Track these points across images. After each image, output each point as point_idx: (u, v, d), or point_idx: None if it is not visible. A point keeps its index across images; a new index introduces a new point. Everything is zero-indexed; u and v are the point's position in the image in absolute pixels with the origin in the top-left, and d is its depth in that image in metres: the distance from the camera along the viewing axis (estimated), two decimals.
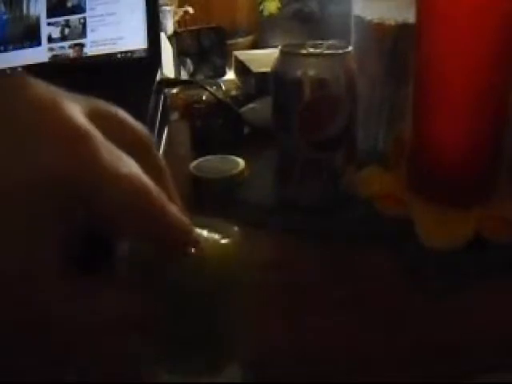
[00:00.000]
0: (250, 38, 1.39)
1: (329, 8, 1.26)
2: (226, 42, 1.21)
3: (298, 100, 0.59)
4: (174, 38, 1.21)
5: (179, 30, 1.29)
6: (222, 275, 0.35)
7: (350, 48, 0.61)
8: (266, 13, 1.36)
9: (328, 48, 0.62)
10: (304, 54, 0.60)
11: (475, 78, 0.54)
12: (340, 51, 0.60)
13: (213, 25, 1.23)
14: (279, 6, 1.34)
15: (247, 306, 0.38)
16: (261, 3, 1.36)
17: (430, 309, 0.49)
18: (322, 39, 0.64)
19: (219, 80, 1.06)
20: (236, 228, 0.37)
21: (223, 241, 0.35)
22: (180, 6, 1.41)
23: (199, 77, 1.15)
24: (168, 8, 1.32)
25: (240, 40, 1.37)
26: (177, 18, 1.38)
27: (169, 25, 1.32)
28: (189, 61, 1.20)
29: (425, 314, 0.48)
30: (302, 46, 0.62)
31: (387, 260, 0.56)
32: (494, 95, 0.54)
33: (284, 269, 0.55)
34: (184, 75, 1.17)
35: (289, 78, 0.60)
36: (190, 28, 1.27)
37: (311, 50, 0.61)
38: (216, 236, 0.36)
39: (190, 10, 1.40)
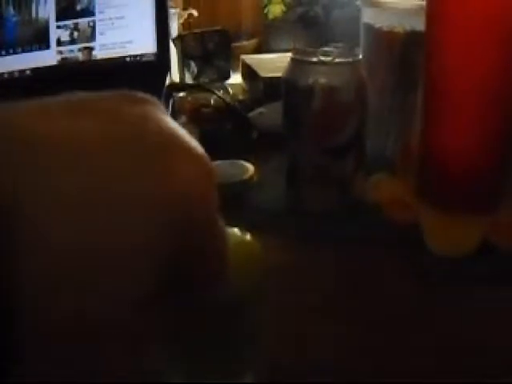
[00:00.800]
0: (254, 41, 1.40)
1: (333, 12, 1.27)
2: (231, 45, 1.22)
3: (309, 107, 0.60)
4: (178, 40, 1.21)
5: (183, 33, 1.29)
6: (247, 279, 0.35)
7: (361, 56, 0.62)
8: (270, 16, 1.36)
9: (338, 55, 0.62)
10: (315, 62, 0.61)
11: (485, 86, 0.54)
12: (351, 59, 0.61)
13: (217, 28, 1.23)
14: (284, 9, 1.35)
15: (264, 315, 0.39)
16: (265, 6, 1.36)
17: (438, 315, 0.50)
18: (328, 43, 0.64)
19: (226, 84, 1.06)
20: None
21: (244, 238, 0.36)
22: (184, 8, 1.41)
23: (203, 79, 1.15)
24: (172, 11, 1.32)
25: (244, 43, 1.37)
26: (181, 20, 1.38)
27: (173, 27, 1.32)
28: (193, 63, 1.20)
29: (433, 320, 0.49)
30: (313, 53, 0.62)
31: (395, 266, 0.56)
32: (504, 104, 0.55)
33: (293, 274, 0.56)
34: (188, 78, 1.18)
35: (300, 85, 0.60)
36: (194, 31, 1.27)
37: (322, 58, 0.61)
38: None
39: (195, 12, 1.40)
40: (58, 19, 0.86)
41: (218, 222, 0.27)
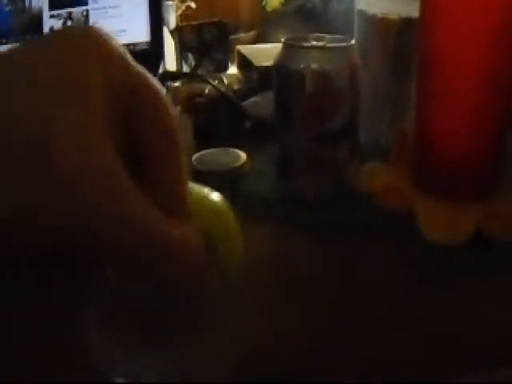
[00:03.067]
0: (252, 34, 1.39)
1: (332, 3, 1.26)
2: (229, 37, 1.21)
3: (301, 93, 0.59)
4: (176, 32, 1.21)
5: (181, 25, 1.28)
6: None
7: (353, 41, 0.61)
8: (268, 8, 1.35)
9: (331, 41, 0.61)
10: (307, 47, 0.60)
11: (479, 72, 0.54)
12: (343, 44, 0.60)
13: (215, 20, 1.23)
14: (282, 1, 1.34)
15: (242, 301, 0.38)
16: None
17: (430, 304, 0.49)
18: (326, 34, 0.64)
19: (221, 74, 1.05)
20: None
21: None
22: (182, 0, 1.41)
23: (201, 71, 1.14)
24: (170, 2, 1.32)
25: (242, 35, 1.37)
26: (179, 12, 1.37)
27: (171, 19, 1.32)
28: (191, 55, 1.19)
29: (425, 310, 0.48)
30: (306, 39, 0.62)
31: (389, 254, 0.56)
32: (498, 90, 0.54)
33: (284, 261, 0.55)
34: (186, 70, 1.17)
35: (291, 70, 0.59)
36: (192, 23, 1.26)
37: (314, 43, 0.61)
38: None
39: (193, 4, 1.40)
40: (51, 8, 0.86)
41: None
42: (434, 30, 0.55)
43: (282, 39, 0.62)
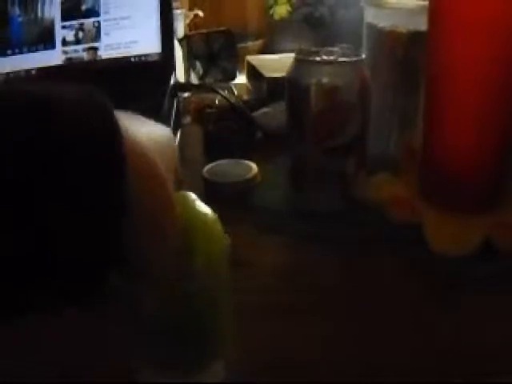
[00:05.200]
0: (260, 42, 1.40)
1: (339, 13, 1.27)
2: (236, 46, 1.22)
3: (312, 107, 0.60)
4: (184, 41, 1.21)
5: (189, 33, 1.29)
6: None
7: (364, 56, 0.62)
8: (276, 17, 1.36)
9: (342, 55, 0.62)
10: (318, 62, 0.61)
11: (487, 85, 0.54)
12: (354, 59, 0.61)
13: (223, 28, 1.23)
14: (289, 10, 1.35)
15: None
16: (271, 7, 1.37)
17: (439, 314, 0.49)
18: (333, 44, 0.64)
19: (231, 84, 1.06)
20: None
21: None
22: (190, 9, 1.42)
23: (209, 80, 1.15)
24: (179, 11, 1.33)
25: (250, 43, 1.37)
26: (187, 21, 1.38)
27: (179, 28, 1.33)
28: (198, 64, 1.20)
29: (434, 320, 0.49)
30: (316, 53, 0.62)
31: (397, 266, 0.56)
32: (506, 101, 0.55)
33: (296, 273, 0.56)
34: (193, 78, 1.18)
35: (303, 84, 0.60)
36: (200, 31, 1.27)
37: (325, 58, 0.61)
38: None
39: (201, 13, 1.41)
40: (63, 19, 0.86)
41: None
42: (442, 44, 0.56)
43: (294, 54, 0.63)
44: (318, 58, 0.61)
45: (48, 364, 0.42)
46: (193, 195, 0.38)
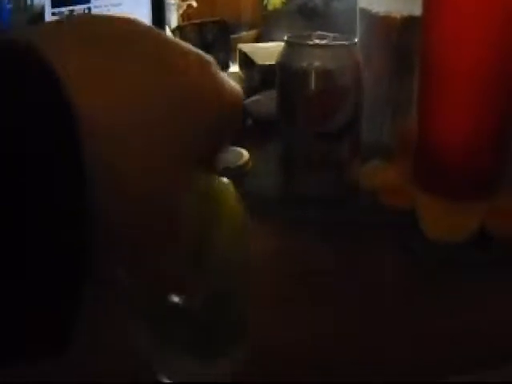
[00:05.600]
0: (253, 32, 1.39)
1: (333, 3, 1.26)
2: (230, 36, 1.21)
3: (304, 91, 0.59)
4: (177, 31, 1.20)
5: (183, 24, 1.28)
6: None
7: (356, 39, 0.61)
8: (270, 7, 1.36)
9: (334, 40, 0.61)
10: (310, 45, 0.60)
11: (482, 69, 0.53)
12: (346, 42, 0.60)
13: (216, 19, 1.23)
14: (283, 0, 1.34)
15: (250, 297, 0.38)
16: None
17: (432, 301, 0.49)
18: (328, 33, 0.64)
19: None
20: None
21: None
22: None
23: None
24: (172, 1, 1.32)
25: (244, 34, 1.37)
26: (180, 11, 1.37)
27: (172, 18, 1.32)
28: None
29: (428, 307, 0.49)
30: (308, 38, 0.62)
31: (391, 252, 0.56)
32: (502, 86, 0.54)
33: (287, 259, 0.56)
34: None
35: (294, 68, 0.59)
36: (193, 22, 1.26)
37: (317, 41, 0.61)
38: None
39: (194, 3, 1.40)
40: (53, 6, 0.85)
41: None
42: (436, 28, 0.55)
43: (285, 37, 0.62)
44: (310, 42, 0.60)
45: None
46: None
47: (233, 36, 1.24)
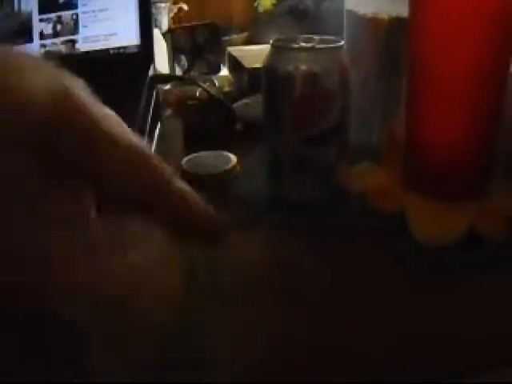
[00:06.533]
0: (244, 35, 1.39)
1: (324, 5, 1.26)
2: (221, 39, 1.21)
3: (290, 95, 0.59)
4: (168, 34, 1.21)
5: (174, 27, 1.28)
6: None
7: (343, 42, 0.61)
8: (260, 9, 1.36)
9: (320, 42, 0.61)
10: (296, 49, 0.60)
11: (469, 72, 0.53)
12: (332, 45, 0.60)
13: (207, 21, 1.23)
14: (274, 2, 1.34)
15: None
16: (256, 0, 1.36)
17: (422, 303, 0.49)
18: (316, 35, 0.64)
19: (213, 76, 1.05)
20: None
21: None
22: (175, 2, 1.41)
23: (193, 73, 1.14)
24: (163, 5, 1.32)
25: (235, 36, 1.37)
26: (171, 14, 1.37)
27: (163, 21, 1.32)
28: (183, 57, 1.19)
29: (417, 310, 0.48)
30: (294, 40, 0.61)
31: (380, 255, 0.55)
32: (488, 89, 0.54)
33: (275, 266, 0.55)
34: (179, 72, 1.17)
35: (280, 72, 0.59)
36: (184, 24, 1.27)
37: (303, 45, 0.60)
38: None
39: (185, 6, 1.40)
40: (40, 12, 0.85)
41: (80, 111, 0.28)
42: (424, 30, 0.55)
43: (271, 41, 0.61)
44: (295, 45, 0.60)
45: None
46: None
47: (224, 38, 1.24)
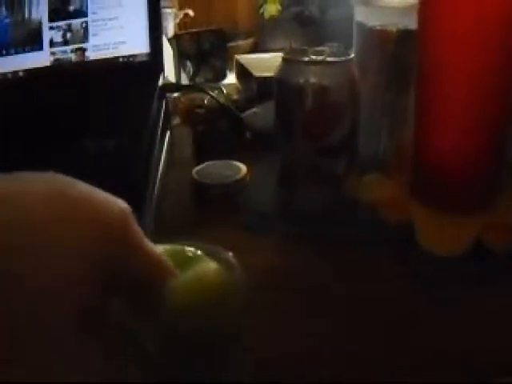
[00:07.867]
0: (250, 41, 1.39)
1: (329, 11, 1.26)
2: (226, 45, 1.21)
3: (301, 107, 0.59)
4: (174, 40, 1.21)
5: (180, 33, 1.29)
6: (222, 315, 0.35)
7: (353, 55, 0.61)
8: (266, 15, 1.36)
9: (330, 54, 0.62)
10: (306, 62, 0.60)
11: (477, 84, 0.54)
12: (342, 58, 0.61)
13: (213, 27, 1.23)
14: (280, 8, 1.34)
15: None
16: (261, 6, 1.36)
17: (430, 314, 0.49)
18: (323, 42, 0.64)
19: (220, 84, 1.06)
20: (230, 255, 0.37)
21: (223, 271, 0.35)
22: (181, 8, 1.41)
23: (199, 79, 1.14)
24: (169, 10, 1.32)
25: (240, 43, 1.37)
26: (177, 20, 1.38)
27: (169, 27, 1.32)
28: (189, 63, 1.20)
29: (425, 321, 0.49)
30: (305, 53, 0.62)
31: (388, 266, 0.56)
32: (497, 101, 0.54)
33: (286, 274, 0.56)
34: (184, 78, 1.17)
35: (291, 85, 0.60)
36: (190, 30, 1.27)
37: (313, 58, 0.61)
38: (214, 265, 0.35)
39: (191, 12, 1.40)
40: (50, 20, 0.86)
41: (137, 240, 0.32)
42: (432, 42, 0.55)
43: (282, 53, 0.62)
44: (306, 58, 0.61)
45: None
46: None
47: (229, 44, 1.24)
